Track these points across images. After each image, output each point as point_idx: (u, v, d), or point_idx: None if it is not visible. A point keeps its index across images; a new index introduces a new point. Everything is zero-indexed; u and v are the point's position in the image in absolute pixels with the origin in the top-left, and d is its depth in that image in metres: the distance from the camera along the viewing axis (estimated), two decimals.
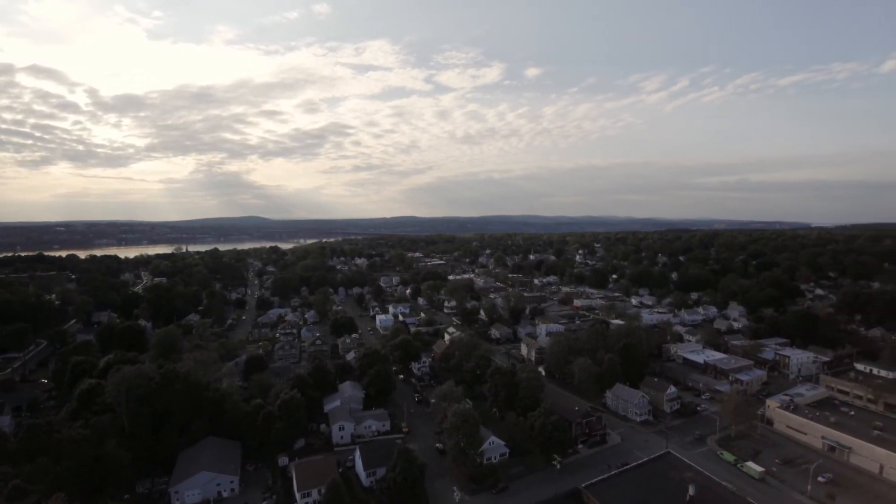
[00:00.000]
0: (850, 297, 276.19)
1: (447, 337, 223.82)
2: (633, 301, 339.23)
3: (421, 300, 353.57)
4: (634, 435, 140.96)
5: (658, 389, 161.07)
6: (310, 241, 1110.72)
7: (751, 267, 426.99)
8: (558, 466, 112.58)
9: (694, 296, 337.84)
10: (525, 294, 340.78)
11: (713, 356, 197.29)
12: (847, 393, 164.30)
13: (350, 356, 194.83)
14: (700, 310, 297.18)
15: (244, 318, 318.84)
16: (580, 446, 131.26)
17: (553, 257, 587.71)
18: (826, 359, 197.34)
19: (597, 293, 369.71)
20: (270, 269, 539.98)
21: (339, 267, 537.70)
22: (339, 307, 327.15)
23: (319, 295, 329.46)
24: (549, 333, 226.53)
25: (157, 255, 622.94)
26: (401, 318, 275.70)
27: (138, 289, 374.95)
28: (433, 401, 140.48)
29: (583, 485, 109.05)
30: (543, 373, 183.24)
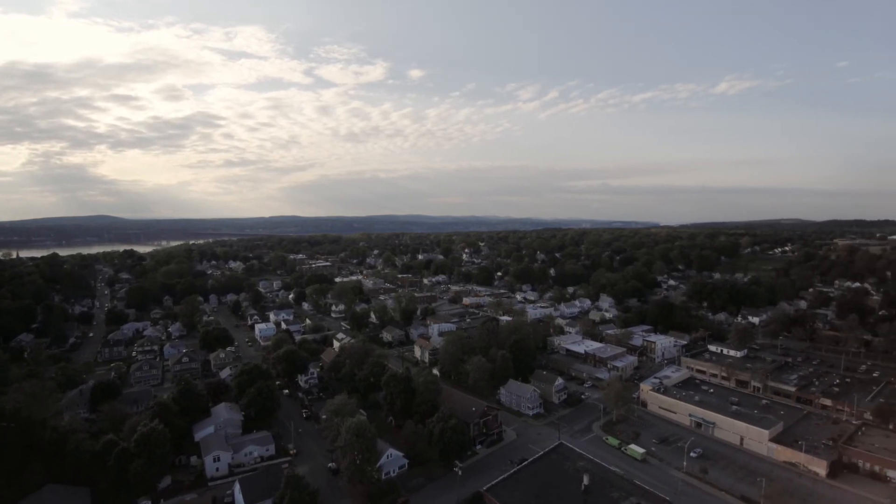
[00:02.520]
0: (698, 286, 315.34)
1: (336, 344, 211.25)
2: (518, 297, 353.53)
3: (306, 305, 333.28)
4: (528, 429, 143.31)
5: (547, 382, 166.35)
6: (174, 244, 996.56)
7: (615, 262, 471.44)
8: (459, 472, 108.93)
9: (570, 290, 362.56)
10: (416, 294, 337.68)
11: (592, 346, 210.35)
12: (704, 372, 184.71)
13: (225, 373, 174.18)
14: (577, 302, 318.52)
15: (91, 335, 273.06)
16: (478, 447, 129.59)
17: (441, 256, 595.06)
18: (684, 342, 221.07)
19: (484, 290, 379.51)
20: (125, 276, 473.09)
21: (209, 272, 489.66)
22: (211, 317, 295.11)
23: (186, 304, 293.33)
24: (441, 333, 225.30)
25: None
26: (284, 325, 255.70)
27: None
28: (324, 416, 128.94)
29: (484, 488, 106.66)
30: (438, 374, 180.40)
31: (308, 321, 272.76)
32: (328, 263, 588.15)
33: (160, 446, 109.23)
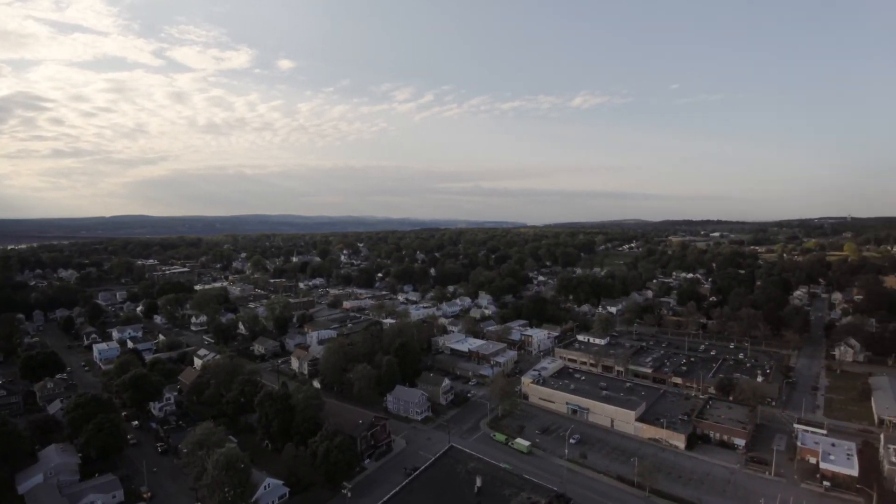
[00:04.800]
0: (565, 281, 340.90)
1: (198, 362, 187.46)
2: (400, 298, 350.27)
3: (159, 318, 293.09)
4: (418, 434, 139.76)
5: (434, 384, 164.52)
6: None
7: (491, 260, 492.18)
8: (348, 494, 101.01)
9: (451, 288, 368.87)
10: (291, 300, 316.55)
11: (475, 343, 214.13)
12: (575, 361, 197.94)
13: (55, 407, 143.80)
14: (458, 301, 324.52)
15: None
16: (367, 461, 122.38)
17: (318, 258, 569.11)
18: (556, 334, 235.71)
19: (365, 293, 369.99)
20: None
21: (33, 283, 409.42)
22: (35, 338, 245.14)
23: (1, 324, 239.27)
24: (321, 341, 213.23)
25: None
26: (130, 344, 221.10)
27: None
28: (185, 449, 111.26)
29: None
30: (319, 386, 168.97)
31: (162, 337, 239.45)
32: (186, 269, 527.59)
33: None
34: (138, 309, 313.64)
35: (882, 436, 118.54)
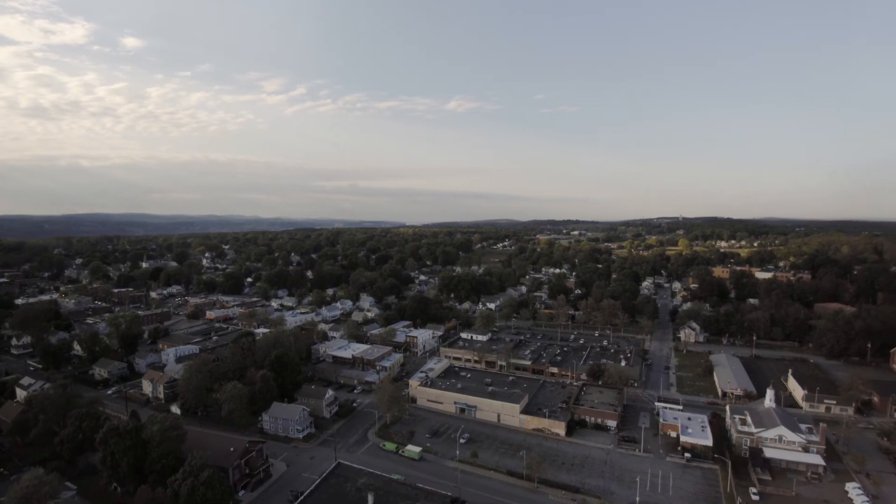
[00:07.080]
0: (446, 279, 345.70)
1: (21, 393, 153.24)
2: (274, 304, 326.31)
3: None
4: (300, 454, 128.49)
5: (316, 396, 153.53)
6: None
7: (372, 260, 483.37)
8: None
9: (330, 291, 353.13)
10: (140, 312, 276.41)
11: (358, 349, 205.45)
12: (460, 359, 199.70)
13: None
14: (338, 304, 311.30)
15: None
16: (242, 493, 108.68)
17: (175, 263, 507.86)
18: (440, 333, 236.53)
19: (233, 300, 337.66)
20: None
21: None
22: None
23: None
24: (180, 359, 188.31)
25: None
26: None
27: None
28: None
29: None
30: (179, 412, 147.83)
31: None
32: (4, 280, 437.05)
33: None
34: None
35: (727, 407, 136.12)
